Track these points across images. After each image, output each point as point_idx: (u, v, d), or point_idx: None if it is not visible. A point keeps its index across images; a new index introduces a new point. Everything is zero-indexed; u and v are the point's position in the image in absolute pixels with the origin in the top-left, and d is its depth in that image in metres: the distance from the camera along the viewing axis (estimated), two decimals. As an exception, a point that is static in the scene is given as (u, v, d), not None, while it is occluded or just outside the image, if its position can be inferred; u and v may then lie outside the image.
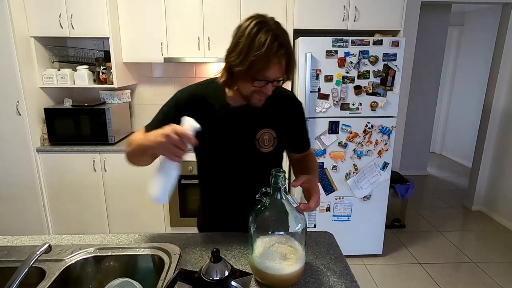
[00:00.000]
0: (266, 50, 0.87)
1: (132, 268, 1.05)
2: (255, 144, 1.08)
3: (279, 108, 1.10)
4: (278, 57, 0.89)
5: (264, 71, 0.90)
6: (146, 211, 2.70)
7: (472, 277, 2.45)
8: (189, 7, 2.58)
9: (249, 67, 0.89)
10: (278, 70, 0.92)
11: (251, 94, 0.97)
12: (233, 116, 1.06)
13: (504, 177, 3.27)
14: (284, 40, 0.91)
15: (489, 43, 4.40)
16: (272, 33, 0.89)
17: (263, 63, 0.88)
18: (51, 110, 2.54)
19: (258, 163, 1.10)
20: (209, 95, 1.07)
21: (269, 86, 0.95)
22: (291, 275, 0.88)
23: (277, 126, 1.10)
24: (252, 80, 0.93)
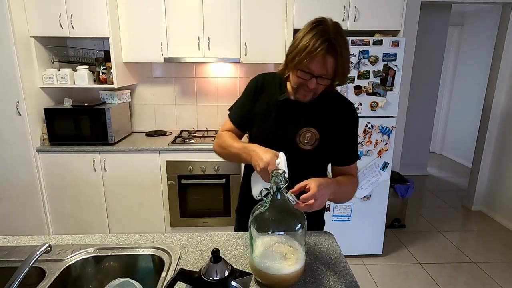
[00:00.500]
0: (312, 42, 0.93)
1: (132, 268, 1.05)
2: (295, 139, 1.11)
3: (331, 112, 1.12)
4: (322, 52, 0.93)
5: (306, 62, 0.95)
6: (146, 211, 2.70)
7: (472, 277, 2.45)
8: (189, 7, 2.58)
9: (295, 55, 0.97)
10: (321, 65, 0.96)
11: (298, 87, 1.04)
12: (285, 107, 1.13)
13: (504, 177, 3.27)
14: (334, 40, 0.94)
15: (489, 43, 4.40)
16: (323, 30, 0.95)
17: (307, 54, 0.94)
18: (51, 110, 2.54)
19: (296, 158, 1.08)
20: (272, 83, 1.17)
21: (312, 81, 0.99)
22: (291, 275, 0.88)
23: (322, 129, 1.11)
24: (296, 69, 1.00)
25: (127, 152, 2.57)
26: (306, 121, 1.11)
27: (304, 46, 0.95)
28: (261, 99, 1.16)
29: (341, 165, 1.17)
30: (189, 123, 3.15)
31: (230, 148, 1.12)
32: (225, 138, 1.16)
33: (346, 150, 1.16)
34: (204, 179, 2.60)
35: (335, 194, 1.01)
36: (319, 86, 1.02)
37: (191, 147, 2.56)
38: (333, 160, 1.18)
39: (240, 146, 1.07)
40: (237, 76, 3.06)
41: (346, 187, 1.10)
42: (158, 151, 2.57)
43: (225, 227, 2.73)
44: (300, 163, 1.07)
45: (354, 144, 1.17)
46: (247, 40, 2.63)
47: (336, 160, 1.17)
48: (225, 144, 1.14)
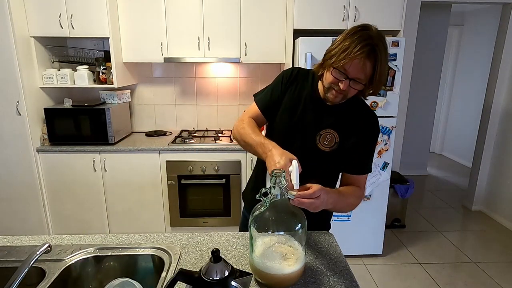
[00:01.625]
0: (354, 44, 0.94)
1: (132, 268, 1.05)
2: (315, 138, 1.12)
3: (354, 119, 1.12)
4: (363, 56, 0.94)
5: (344, 62, 0.96)
6: (146, 211, 2.70)
7: (472, 277, 2.45)
8: (189, 7, 2.58)
9: (334, 55, 0.98)
10: (358, 69, 0.96)
11: (329, 86, 1.04)
12: (312, 104, 1.13)
13: (504, 177, 3.27)
14: (376, 46, 0.94)
15: (489, 43, 4.41)
16: (368, 35, 0.95)
17: (346, 55, 0.95)
18: (51, 110, 2.54)
19: (313, 158, 1.10)
20: (305, 78, 1.17)
21: (346, 82, 0.99)
22: (291, 275, 0.88)
23: (344, 133, 1.11)
24: (332, 68, 1.00)
25: (127, 152, 2.57)
26: (329, 122, 1.11)
27: (345, 47, 0.95)
28: (291, 90, 1.16)
29: (351, 173, 1.15)
30: (189, 123, 3.15)
31: (248, 138, 1.10)
32: (245, 125, 1.14)
33: (359, 159, 1.14)
34: (204, 179, 2.60)
35: (335, 204, 1.00)
36: (351, 89, 1.01)
37: (191, 147, 2.56)
38: (344, 167, 1.16)
39: (258, 140, 1.05)
40: (237, 76, 3.06)
41: (348, 200, 1.09)
42: (158, 151, 2.57)
43: (225, 227, 2.73)
44: (315, 163, 1.08)
45: (369, 156, 1.15)
46: (247, 40, 2.63)
47: (347, 168, 1.16)
48: (244, 131, 1.13)
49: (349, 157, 1.13)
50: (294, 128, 1.13)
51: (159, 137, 2.91)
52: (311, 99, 1.13)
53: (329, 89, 1.04)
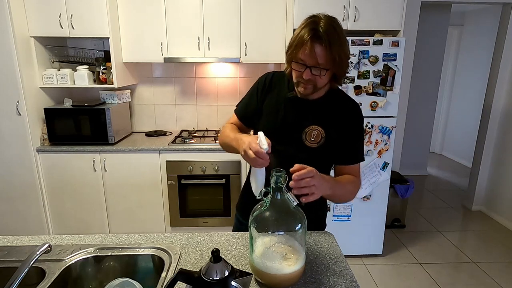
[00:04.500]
0: (301, 33, 0.98)
1: (132, 268, 1.05)
2: (301, 136, 1.13)
3: (336, 111, 1.14)
4: (309, 40, 0.96)
5: (297, 52, 0.99)
6: (146, 211, 2.70)
7: (472, 277, 2.45)
8: (189, 7, 2.58)
9: (288, 49, 1.03)
10: (311, 54, 0.98)
11: (296, 81, 1.07)
12: (293, 104, 1.14)
13: (504, 177, 3.27)
14: (321, 28, 0.97)
15: (489, 43, 4.41)
16: (313, 22, 0.99)
17: (298, 45, 0.99)
18: (51, 110, 2.54)
19: (302, 155, 1.11)
20: (282, 81, 1.18)
21: (307, 72, 1.01)
22: (291, 275, 0.88)
23: (328, 127, 1.12)
24: (291, 62, 1.03)
25: (127, 152, 2.57)
26: (312, 119, 1.12)
27: (295, 37, 1.00)
28: (270, 96, 1.18)
29: (343, 163, 1.16)
30: (189, 123, 3.15)
31: (227, 138, 1.16)
32: (225, 129, 1.21)
33: (350, 149, 1.15)
34: (204, 179, 2.60)
35: (333, 190, 1.00)
36: (316, 78, 1.02)
37: (191, 147, 2.56)
38: (336, 159, 1.17)
39: (233, 136, 1.11)
40: (237, 76, 3.06)
41: (346, 186, 1.10)
42: (158, 151, 2.57)
43: (225, 227, 2.72)
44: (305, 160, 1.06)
45: (359, 144, 1.16)
46: (247, 40, 2.63)
47: (339, 159, 1.17)
48: (224, 134, 1.20)
49: (339, 149, 1.14)
50: (279, 130, 1.14)
51: (159, 137, 2.91)
52: (290, 100, 1.14)
53: (297, 83, 1.07)
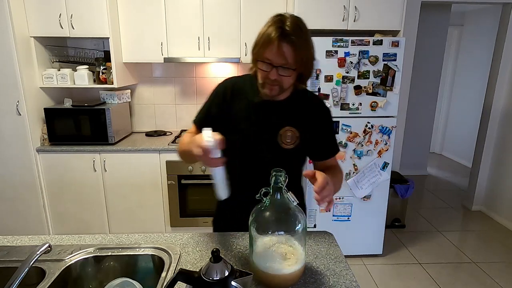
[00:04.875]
0: (268, 32, 0.96)
1: (132, 268, 1.05)
2: (277, 139, 1.11)
3: (305, 110, 1.14)
4: (276, 39, 0.94)
5: (263, 51, 0.97)
6: (146, 211, 2.70)
7: (472, 277, 2.45)
8: (189, 7, 2.58)
9: (254, 48, 1.01)
10: (278, 53, 0.96)
11: (263, 82, 1.03)
12: (262, 108, 1.11)
13: (504, 177, 3.27)
14: (288, 27, 0.95)
15: (489, 43, 4.41)
16: (279, 21, 0.97)
17: (264, 43, 0.97)
18: (51, 110, 2.54)
19: (279, 158, 1.12)
20: (244, 87, 1.14)
21: (273, 72, 0.99)
22: (291, 275, 0.88)
23: (301, 126, 1.13)
24: (257, 61, 1.00)
25: (127, 152, 2.57)
26: (285, 120, 1.12)
27: (261, 36, 0.98)
28: (237, 104, 1.13)
29: (324, 159, 1.19)
30: (189, 123, 3.11)
31: (182, 146, 1.12)
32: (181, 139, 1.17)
33: (326, 144, 1.18)
34: (204, 179, 2.60)
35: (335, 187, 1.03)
36: (282, 78, 1.00)
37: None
38: (315, 156, 1.20)
39: (188, 141, 1.05)
40: (237, 76, 3.06)
41: (338, 176, 1.14)
42: (158, 151, 2.57)
43: (225, 227, 2.72)
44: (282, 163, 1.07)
45: (333, 137, 1.20)
46: (247, 40, 2.63)
47: (318, 155, 1.20)
48: (180, 143, 1.16)
49: (317, 146, 1.16)
50: (253, 136, 1.12)
51: (159, 137, 2.91)
52: (259, 104, 1.11)
53: (263, 84, 1.04)
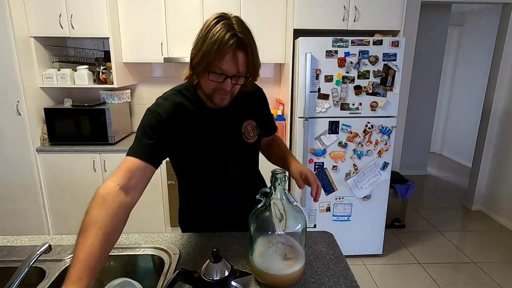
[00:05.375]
0: (218, 39, 0.85)
1: (132, 268, 1.05)
2: (242, 137, 1.11)
3: (250, 99, 1.13)
4: (231, 48, 0.86)
5: (217, 62, 0.87)
6: (146, 211, 2.70)
7: (472, 277, 2.45)
8: (189, 7, 2.58)
9: (202, 58, 0.88)
10: (233, 63, 0.88)
11: (212, 92, 0.95)
12: (215, 115, 1.05)
13: (504, 177, 3.27)
14: (241, 33, 0.88)
15: (489, 43, 4.41)
16: (227, 25, 0.87)
17: (215, 53, 0.86)
18: (51, 110, 2.54)
19: (246, 154, 1.15)
20: (187, 101, 1.02)
21: (227, 82, 0.91)
22: (291, 275, 0.88)
23: (254, 116, 1.14)
24: (208, 73, 0.90)
25: (127, 152, 2.57)
26: (241, 116, 1.11)
27: (211, 43, 0.86)
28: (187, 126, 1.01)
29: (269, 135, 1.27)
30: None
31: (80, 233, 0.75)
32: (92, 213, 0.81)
33: (269, 122, 1.25)
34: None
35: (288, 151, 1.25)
36: (235, 86, 0.95)
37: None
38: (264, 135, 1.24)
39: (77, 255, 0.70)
40: (237, 76, 3.06)
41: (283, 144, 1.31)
42: (158, 151, 2.56)
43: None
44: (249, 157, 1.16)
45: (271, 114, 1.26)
46: (247, 40, 2.62)
47: (266, 134, 1.25)
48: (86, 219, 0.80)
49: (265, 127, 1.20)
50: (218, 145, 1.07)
51: (159, 137, 2.90)
52: (209, 113, 1.04)
53: (213, 94, 0.95)
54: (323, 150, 2.43)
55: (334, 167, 2.46)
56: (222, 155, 1.09)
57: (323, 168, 2.46)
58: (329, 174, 2.47)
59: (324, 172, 2.47)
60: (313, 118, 2.37)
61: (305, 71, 2.28)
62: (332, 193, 2.50)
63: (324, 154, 2.44)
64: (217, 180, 1.12)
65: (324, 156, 2.44)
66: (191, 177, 1.14)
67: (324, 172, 2.47)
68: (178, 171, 1.15)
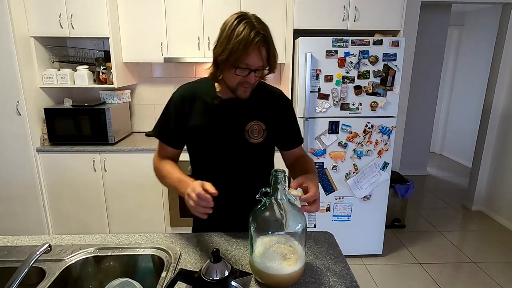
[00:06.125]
0: (244, 38, 0.94)
1: (132, 268, 1.05)
2: (244, 135, 1.12)
3: (268, 103, 1.16)
4: (256, 45, 0.95)
5: (243, 58, 0.96)
6: (146, 211, 2.70)
7: (472, 277, 2.45)
8: (189, 7, 2.58)
9: (229, 55, 0.96)
10: (258, 58, 0.98)
11: (237, 85, 1.03)
12: (224, 108, 1.12)
13: (504, 177, 3.27)
14: (263, 30, 0.97)
15: (489, 43, 4.41)
16: (250, 24, 0.97)
17: (242, 50, 0.95)
18: (51, 110, 2.54)
19: (248, 154, 1.14)
20: (200, 91, 1.14)
21: (251, 75, 1.00)
22: (291, 275, 0.88)
23: (266, 119, 1.14)
24: (235, 68, 0.99)
25: (127, 152, 2.57)
26: (248, 115, 1.13)
27: (237, 42, 0.94)
28: (194, 111, 1.12)
29: (291, 148, 1.23)
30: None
31: (169, 176, 1.10)
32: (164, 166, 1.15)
33: (293, 133, 1.22)
34: (204, 179, 2.60)
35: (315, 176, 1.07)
36: (256, 79, 1.04)
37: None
38: (283, 146, 1.23)
39: (176, 177, 1.06)
40: (237, 76, 3.05)
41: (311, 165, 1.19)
42: (158, 151, 2.57)
43: (225, 227, 2.72)
44: (254, 157, 1.14)
45: (297, 127, 1.24)
46: (247, 40, 2.62)
47: (286, 145, 1.23)
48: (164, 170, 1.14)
49: (283, 137, 1.20)
50: (220, 138, 1.12)
51: (159, 137, 2.90)
52: (219, 104, 1.12)
53: (237, 88, 1.04)
54: (323, 150, 2.43)
55: (334, 167, 2.46)
56: (224, 147, 1.12)
57: (323, 168, 2.46)
58: (329, 174, 2.47)
59: (324, 172, 2.47)
60: (313, 118, 2.37)
61: (305, 71, 2.28)
62: (332, 193, 2.50)
63: (324, 154, 2.44)
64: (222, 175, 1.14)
65: (324, 156, 2.44)
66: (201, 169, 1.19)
67: (324, 172, 2.47)
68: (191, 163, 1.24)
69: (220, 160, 1.14)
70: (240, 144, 1.12)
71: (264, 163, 1.20)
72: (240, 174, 1.15)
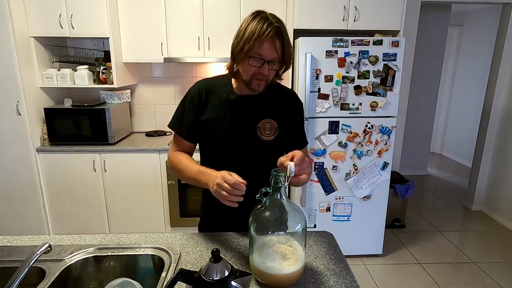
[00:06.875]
0: (258, 29, 0.97)
1: (132, 268, 1.05)
2: (256, 132, 1.13)
3: (281, 102, 1.18)
4: (269, 35, 0.97)
5: (257, 48, 0.99)
6: (146, 211, 2.70)
7: (472, 277, 2.45)
8: (189, 7, 2.58)
9: (244, 45, 1.00)
10: (271, 48, 1.00)
11: (251, 78, 1.05)
12: (239, 103, 1.14)
13: (504, 177, 3.27)
14: (277, 23, 1.00)
15: (489, 43, 4.41)
16: (265, 17, 1.00)
17: (256, 40, 0.98)
18: (51, 110, 2.54)
19: (260, 151, 1.15)
20: (217, 86, 1.16)
21: (265, 66, 1.02)
22: (291, 275, 0.88)
23: (279, 118, 1.16)
24: (248, 58, 1.01)
25: (127, 152, 2.57)
26: (262, 113, 1.14)
27: (251, 33, 0.98)
28: (210, 105, 1.14)
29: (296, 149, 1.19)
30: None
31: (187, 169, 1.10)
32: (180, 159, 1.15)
33: (299, 135, 1.24)
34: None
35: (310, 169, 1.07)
36: (270, 72, 1.05)
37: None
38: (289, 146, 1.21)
39: (197, 169, 1.06)
40: (237, 76, 3.06)
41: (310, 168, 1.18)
42: (158, 151, 2.57)
43: (225, 227, 2.72)
44: (264, 155, 1.14)
45: (303, 129, 1.27)
46: (247, 40, 2.62)
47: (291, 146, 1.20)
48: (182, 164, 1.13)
49: (292, 136, 1.20)
50: (233, 133, 1.13)
51: (159, 137, 2.91)
52: (234, 100, 1.14)
53: (251, 80, 1.06)
54: (323, 150, 2.43)
55: (334, 167, 2.46)
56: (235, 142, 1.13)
57: (323, 168, 2.46)
58: (329, 174, 2.47)
59: (324, 172, 2.47)
60: (313, 118, 2.37)
61: (305, 71, 2.28)
62: (332, 193, 2.50)
63: (324, 154, 2.44)
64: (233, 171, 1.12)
65: (324, 156, 2.44)
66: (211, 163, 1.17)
67: (324, 172, 2.47)
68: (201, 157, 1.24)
69: (230, 156, 1.14)
70: (251, 141, 1.13)
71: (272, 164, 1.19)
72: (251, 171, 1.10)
